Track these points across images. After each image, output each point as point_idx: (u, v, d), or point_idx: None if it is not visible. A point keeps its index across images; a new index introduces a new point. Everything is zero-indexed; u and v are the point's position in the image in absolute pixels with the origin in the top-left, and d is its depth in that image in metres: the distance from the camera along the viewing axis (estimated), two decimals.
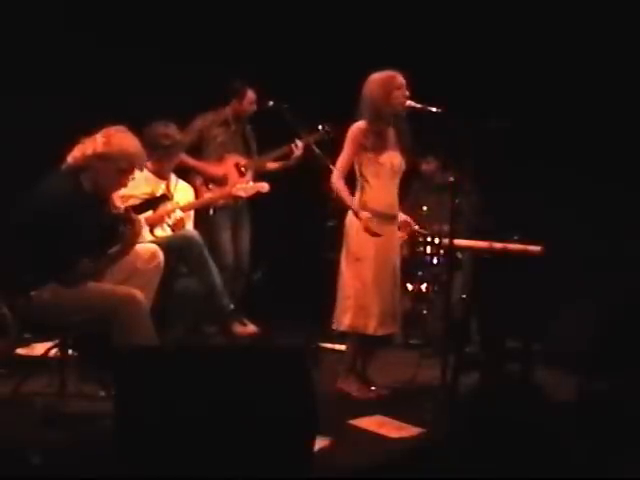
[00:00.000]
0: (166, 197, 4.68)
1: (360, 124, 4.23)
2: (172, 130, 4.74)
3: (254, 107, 5.60)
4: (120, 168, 3.74)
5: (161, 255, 4.01)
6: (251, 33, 6.10)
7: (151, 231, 4.67)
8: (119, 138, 3.75)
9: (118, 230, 3.82)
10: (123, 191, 4.01)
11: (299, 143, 5.53)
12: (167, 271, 4.10)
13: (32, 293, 3.60)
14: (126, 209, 3.91)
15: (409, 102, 4.23)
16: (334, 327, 4.34)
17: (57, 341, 3.88)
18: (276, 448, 2.74)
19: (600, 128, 5.69)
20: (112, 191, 3.86)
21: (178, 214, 4.76)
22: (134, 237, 3.85)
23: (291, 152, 5.57)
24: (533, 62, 5.88)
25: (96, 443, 3.24)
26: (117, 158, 3.71)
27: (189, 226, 4.88)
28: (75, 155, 3.73)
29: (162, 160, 4.75)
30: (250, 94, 5.56)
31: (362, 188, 4.27)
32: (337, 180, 4.23)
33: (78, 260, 3.64)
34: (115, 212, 3.89)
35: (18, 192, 3.82)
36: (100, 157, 3.69)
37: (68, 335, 3.82)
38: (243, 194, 5.17)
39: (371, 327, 4.23)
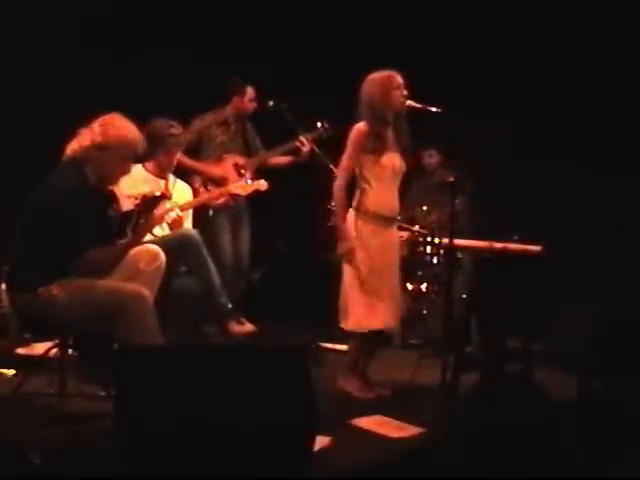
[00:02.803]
0: (165, 197, 4.67)
1: (361, 126, 4.21)
2: (174, 124, 4.76)
3: (254, 105, 5.60)
4: (121, 155, 3.73)
5: (163, 257, 4.01)
6: (251, 33, 6.11)
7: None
8: (115, 125, 3.73)
9: (125, 228, 3.84)
10: (123, 192, 4.01)
11: (304, 139, 5.50)
12: (167, 271, 4.10)
13: (39, 290, 3.59)
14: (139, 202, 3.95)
15: (409, 102, 4.23)
16: (342, 325, 4.31)
17: (57, 341, 3.88)
18: (276, 448, 2.74)
19: (600, 127, 5.69)
20: (117, 179, 3.85)
21: (176, 213, 4.76)
22: (148, 228, 3.91)
23: (298, 149, 5.55)
24: (533, 62, 5.88)
25: (96, 443, 3.24)
26: (116, 146, 3.70)
27: (187, 226, 4.87)
28: (74, 147, 3.72)
29: (161, 158, 4.75)
30: (250, 91, 5.56)
31: (363, 190, 4.24)
32: (339, 191, 4.21)
33: (87, 252, 3.63)
34: (124, 211, 3.91)
35: (21, 189, 3.83)
36: (99, 147, 3.68)
37: (70, 334, 3.82)
38: (241, 192, 5.16)
39: (377, 322, 4.21)
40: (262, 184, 5.18)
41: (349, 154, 4.22)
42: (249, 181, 5.31)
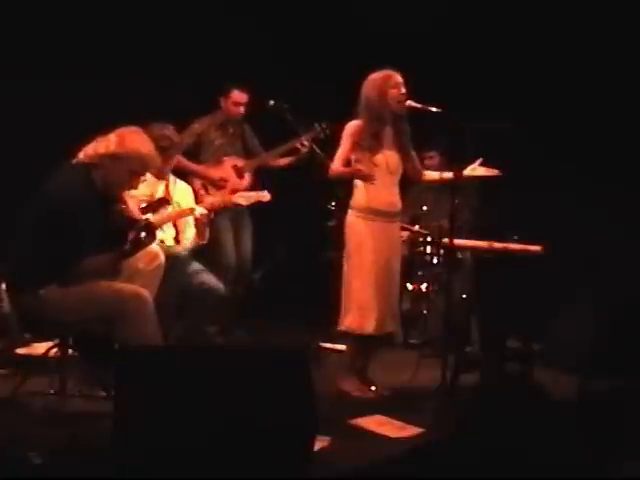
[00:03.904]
0: (165, 200, 4.66)
1: (357, 122, 4.25)
2: (170, 131, 4.72)
3: (240, 109, 5.51)
4: (131, 169, 3.73)
5: (162, 256, 4.02)
6: (251, 33, 6.11)
7: None
8: (132, 139, 3.74)
9: (126, 232, 3.82)
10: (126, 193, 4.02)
11: (305, 141, 5.49)
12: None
13: (40, 291, 3.58)
14: (148, 222, 3.94)
15: (409, 102, 4.23)
16: (339, 328, 4.33)
17: (57, 341, 3.88)
18: (276, 448, 2.74)
19: (600, 127, 5.69)
20: (121, 191, 3.85)
21: (199, 212, 4.76)
22: (146, 246, 3.89)
23: (297, 150, 5.54)
24: (534, 62, 5.88)
25: (96, 443, 3.24)
26: (129, 159, 3.69)
27: (191, 229, 4.86)
28: (87, 152, 3.72)
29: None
30: (236, 95, 5.48)
31: (357, 186, 4.29)
32: (335, 167, 4.25)
33: (85, 259, 3.62)
34: (132, 217, 3.90)
35: (20, 189, 3.82)
36: (112, 157, 3.68)
37: (70, 335, 3.82)
38: (244, 203, 5.13)
39: (369, 327, 4.23)
40: (265, 195, 5.15)
41: (343, 147, 4.26)
42: (252, 193, 5.30)
